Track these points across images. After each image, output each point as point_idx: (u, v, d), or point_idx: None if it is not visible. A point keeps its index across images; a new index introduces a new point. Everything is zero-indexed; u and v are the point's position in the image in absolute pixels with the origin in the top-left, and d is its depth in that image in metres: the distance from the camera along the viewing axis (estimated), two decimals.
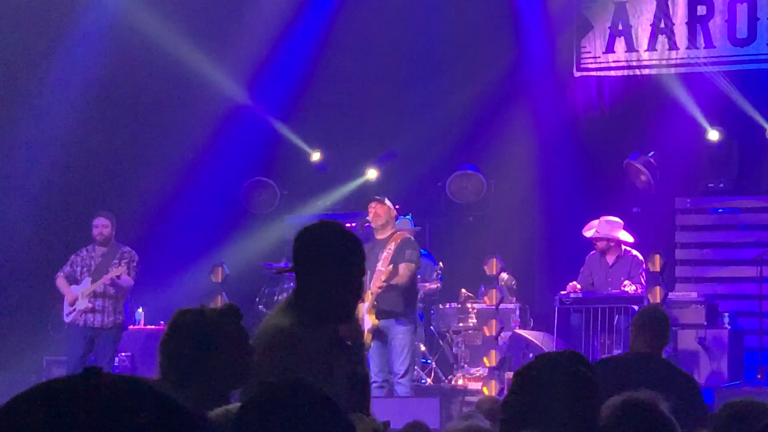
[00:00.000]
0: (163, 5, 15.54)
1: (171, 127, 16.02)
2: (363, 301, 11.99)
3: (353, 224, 12.49)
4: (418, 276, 12.65)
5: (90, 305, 13.00)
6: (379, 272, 11.85)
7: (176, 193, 15.96)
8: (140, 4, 15.46)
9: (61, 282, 13.23)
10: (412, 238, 12.63)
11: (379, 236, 12.14)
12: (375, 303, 11.86)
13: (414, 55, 16.49)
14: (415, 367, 13.75)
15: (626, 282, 13.15)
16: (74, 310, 13.04)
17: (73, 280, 13.20)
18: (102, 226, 13.17)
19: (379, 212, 12.11)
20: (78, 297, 13.02)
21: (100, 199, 15.01)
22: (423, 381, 14.06)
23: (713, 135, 15.32)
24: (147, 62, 15.53)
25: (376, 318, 11.84)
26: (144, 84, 15.79)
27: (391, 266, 11.86)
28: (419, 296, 12.93)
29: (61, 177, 15.69)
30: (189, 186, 15.96)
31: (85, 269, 13.18)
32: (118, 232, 13.42)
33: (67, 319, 13.13)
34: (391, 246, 11.96)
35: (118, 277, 13.02)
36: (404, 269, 11.86)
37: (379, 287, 11.83)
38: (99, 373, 1.47)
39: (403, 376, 11.87)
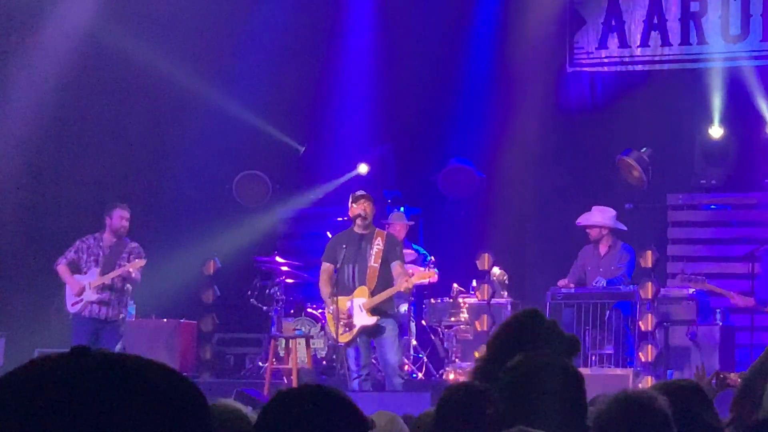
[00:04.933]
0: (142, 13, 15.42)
1: (161, 121, 15.97)
2: (354, 296, 11.94)
3: (346, 218, 12.44)
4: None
5: (98, 296, 12.66)
6: (373, 269, 11.77)
7: (167, 186, 15.91)
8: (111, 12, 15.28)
9: (63, 270, 12.78)
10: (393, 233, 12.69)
11: (361, 231, 11.94)
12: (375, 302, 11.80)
13: (407, 49, 16.47)
14: (406, 361, 13.73)
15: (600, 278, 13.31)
16: (80, 300, 12.66)
17: (75, 269, 12.80)
18: (127, 219, 12.76)
19: (368, 210, 11.90)
20: (86, 287, 12.65)
21: (92, 192, 14.94)
22: (414, 375, 14.05)
23: (716, 132, 15.27)
24: (139, 58, 15.43)
25: (372, 314, 11.75)
26: (135, 80, 15.70)
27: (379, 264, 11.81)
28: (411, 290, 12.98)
29: (52, 169, 15.62)
30: (180, 179, 15.90)
31: (91, 258, 12.75)
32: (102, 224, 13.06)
33: (72, 309, 12.71)
34: (379, 242, 11.83)
35: (138, 270, 12.71)
36: (399, 268, 11.83)
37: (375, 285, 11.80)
38: (87, 353, 1.45)
39: (399, 368, 11.83)
